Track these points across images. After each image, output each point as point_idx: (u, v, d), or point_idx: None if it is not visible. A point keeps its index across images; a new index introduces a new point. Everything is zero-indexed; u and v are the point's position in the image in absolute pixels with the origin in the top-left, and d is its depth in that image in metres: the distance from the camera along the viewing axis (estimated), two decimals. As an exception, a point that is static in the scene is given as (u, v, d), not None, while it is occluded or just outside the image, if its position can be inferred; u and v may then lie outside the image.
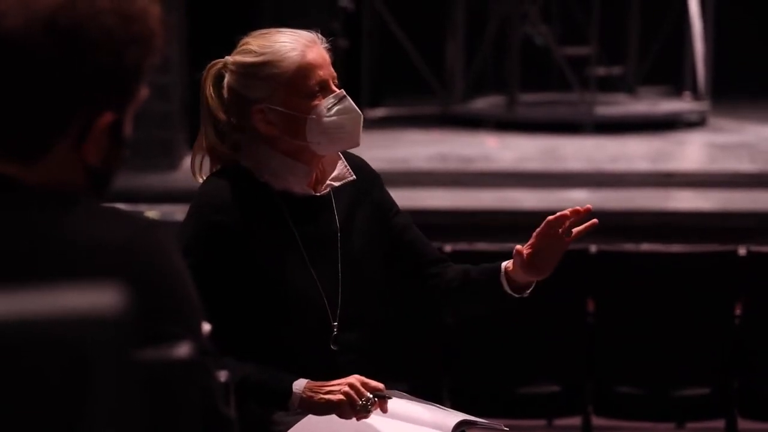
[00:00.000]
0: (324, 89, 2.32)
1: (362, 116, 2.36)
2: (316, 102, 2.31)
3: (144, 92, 1.45)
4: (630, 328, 3.67)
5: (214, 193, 2.34)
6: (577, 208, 2.32)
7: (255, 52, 2.33)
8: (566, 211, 2.32)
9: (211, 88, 2.37)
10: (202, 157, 2.40)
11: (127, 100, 1.43)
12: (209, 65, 2.39)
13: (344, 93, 2.33)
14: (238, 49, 2.36)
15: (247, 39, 2.36)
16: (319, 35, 2.37)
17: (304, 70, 2.31)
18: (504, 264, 2.36)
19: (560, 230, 2.31)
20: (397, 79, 8.79)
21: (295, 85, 2.31)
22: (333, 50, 2.40)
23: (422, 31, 8.65)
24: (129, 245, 1.36)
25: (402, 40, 8.42)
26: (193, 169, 2.42)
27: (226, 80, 2.35)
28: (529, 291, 2.38)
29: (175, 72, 6.49)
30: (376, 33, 8.64)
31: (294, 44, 2.32)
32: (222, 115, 2.36)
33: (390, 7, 8.44)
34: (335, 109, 2.32)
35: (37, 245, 1.35)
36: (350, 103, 2.33)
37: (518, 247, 2.32)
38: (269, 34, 2.35)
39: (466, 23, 8.61)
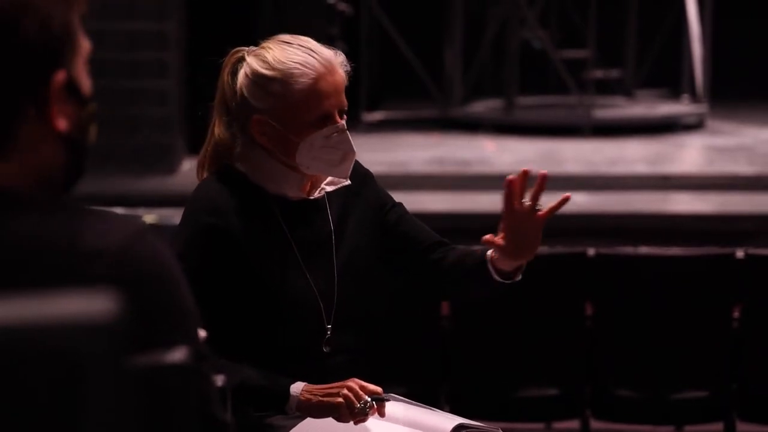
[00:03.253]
0: (327, 119, 2.30)
1: (355, 153, 2.33)
2: (315, 130, 2.30)
3: (86, 45, 1.44)
4: (628, 331, 3.67)
5: (208, 196, 2.34)
6: (524, 169, 2.31)
7: (269, 64, 2.30)
8: (512, 176, 2.30)
9: (228, 76, 2.36)
10: (210, 152, 2.39)
11: (71, 55, 1.41)
12: (231, 52, 2.37)
13: (345, 126, 2.31)
14: (258, 51, 2.34)
15: (268, 44, 2.34)
16: (340, 55, 2.35)
17: (311, 99, 2.29)
18: (488, 253, 2.35)
19: (520, 201, 2.28)
20: (396, 83, 8.79)
21: (298, 110, 2.29)
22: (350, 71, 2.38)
23: (420, 35, 8.65)
24: (123, 250, 1.35)
25: (400, 44, 8.43)
26: (201, 164, 2.41)
27: (239, 77, 2.35)
28: (518, 276, 2.37)
29: (173, 77, 6.49)
30: (374, 37, 8.64)
31: (309, 68, 2.29)
32: (232, 107, 2.36)
33: (388, 12, 8.44)
34: (332, 139, 2.30)
35: (29, 252, 1.34)
36: (347, 138, 2.31)
37: (486, 237, 2.30)
38: (289, 47, 2.32)
39: (464, 27, 8.62)
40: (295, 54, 2.31)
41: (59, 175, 1.41)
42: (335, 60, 2.32)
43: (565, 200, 2.30)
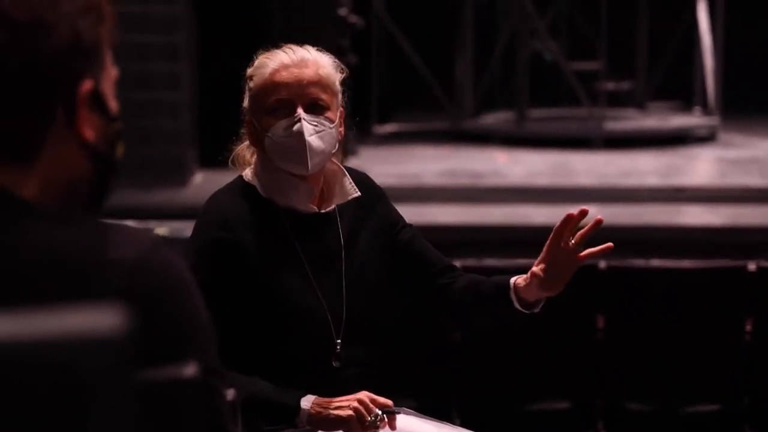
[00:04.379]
0: (287, 109, 2.31)
1: (308, 143, 2.33)
2: (275, 120, 2.32)
3: (114, 71, 1.45)
4: (640, 344, 3.66)
5: (219, 209, 2.34)
6: (583, 208, 2.32)
7: (252, 64, 2.36)
8: (571, 213, 2.32)
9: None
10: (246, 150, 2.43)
11: (99, 70, 1.42)
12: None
13: (300, 117, 2.31)
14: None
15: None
16: (327, 58, 2.36)
17: (268, 88, 2.32)
18: (513, 280, 2.35)
19: (569, 239, 2.30)
20: (407, 95, 8.79)
21: (258, 100, 2.33)
22: (347, 74, 2.39)
23: (431, 48, 8.65)
24: (137, 262, 1.35)
25: (411, 56, 8.43)
26: (233, 159, 2.45)
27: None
28: (539, 308, 2.37)
29: (185, 89, 6.50)
30: (385, 49, 8.65)
31: (275, 61, 2.33)
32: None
33: (399, 23, 8.45)
34: (292, 131, 2.31)
35: (42, 263, 1.34)
36: (299, 127, 2.31)
37: (534, 269, 2.31)
38: (277, 49, 2.37)
39: (475, 39, 8.62)
40: (274, 53, 2.35)
41: (83, 190, 1.42)
42: (311, 57, 2.34)
43: (608, 248, 2.33)
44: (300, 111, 2.31)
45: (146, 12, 6.37)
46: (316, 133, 2.31)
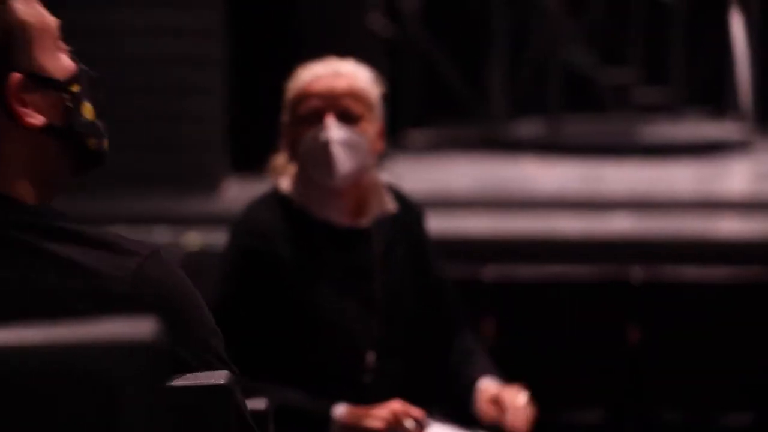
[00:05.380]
0: (318, 119, 2.31)
1: (334, 152, 2.32)
2: (306, 130, 2.32)
3: (49, 22, 1.43)
4: (674, 354, 3.63)
5: (254, 219, 2.34)
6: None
7: (292, 77, 2.37)
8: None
9: None
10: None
11: (26, 48, 1.40)
12: None
13: (329, 125, 2.31)
14: None
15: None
16: (363, 71, 2.36)
17: (300, 97, 2.34)
18: (480, 384, 2.37)
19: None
20: (438, 104, 8.78)
21: (293, 110, 2.34)
22: (383, 87, 2.39)
23: (462, 56, 8.64)
24: (139, 271, 1.35)
25: (442, 64, 8.42)
26: (270, 169, 2.46)
27: None
28: None
29: (217, 97, 6.51)
30: (416, 58, 8.64)
31: (311, 72, 2.34)
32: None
33: (430, 31, 8.44)
34: (314, 139, 2.31)
35: (44, 278, 1.33)
36: (325, 136, 2.30)
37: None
38: (315, 63, 2.38)
39: (506, 46, 8.60)
40: (311, 65, 2.36)
41: (59, 168, 1.41)
42: (346, 69, 2.34)
43: None
44: (328, 120, 2.31)
45: (178, 22, 6.39)
46: (344, 142, 2.30)
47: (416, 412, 2.25)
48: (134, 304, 1.30)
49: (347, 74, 2.34)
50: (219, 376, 1.31)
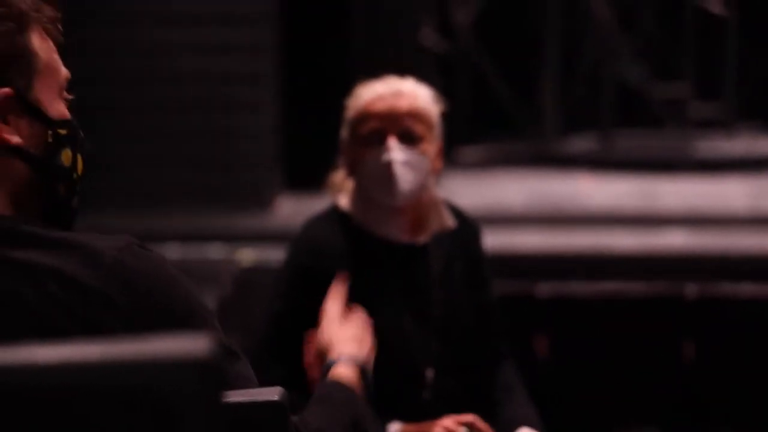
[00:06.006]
0: (380, 139, 2.32)
1: (397, 174, 2.33)
2: (368, 150, 2.32)
3: (61, 71, 1.45)
4: (729, 371, 3.59)
5: (312, 238, 2.35)
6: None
7: (352, 95, 2.38)
8: None
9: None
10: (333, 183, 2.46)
11: (25, 75, 1.42)
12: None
13: (391, 146, 2.32)
14: None
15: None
16: (423, 89, 2.37)
17: (361, 118, 2.34)
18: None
19: None
20: (490, 119, 8.76)
21: (354, 129, 2.34)
22: (444, 105, 2.40)
23: (515, 70, 8.62)
24: (114, 264, 1.36)
25: (494, 79, 8.41)
26: (329, 186, 2.47)
27: None
28: None
29: (270, 114, 6.55)
30: (468, 72, 8.64)
31: (371, 92, 2.35)
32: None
33: (482, 46, 8.44)
34: (377, 160, 2.31)
35: (18, 285, 1.34)
36: (389, 157, 2.31)
37: None
38: (377, 82, 2.39)
39: (559, 61, 8.57)
40: (372, 85, 2.36)
41: (29, 198, 1.42)
42: (407, 89, 2.35)
43: None
44: (391, 141, 2.32)
45: (231, 38, 6.44)
46: (406, 163, 2.31)
47: (468, 417, 2.25)
48: (113, 297, 1.31)
49: (408, 94, 2.34)
50: (273, 393, 1.31)
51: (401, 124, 2.32)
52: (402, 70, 2.47)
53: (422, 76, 2.54)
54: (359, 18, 7.20)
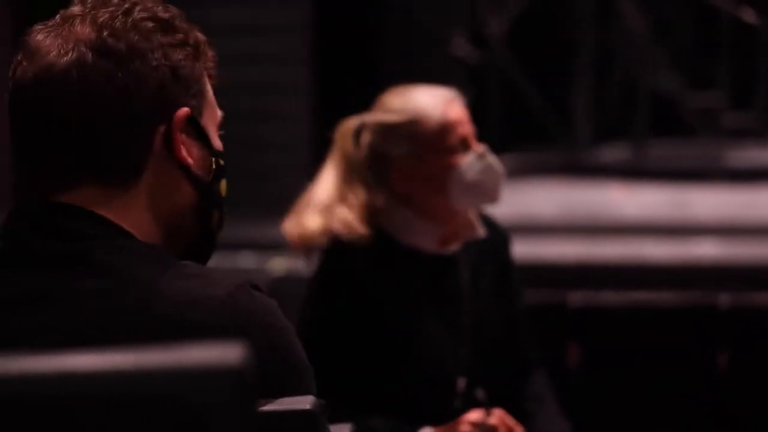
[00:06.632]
0: (465, 146, 2.33)
1: (504, 173, 2.36)
2: (457, 159, 2.32)
3: (218, 112, 1.49)
4: (763, 382, 3.57)
5: (343, 246, 2.35)
6: None
7: (396, 110, 2.35)
8: None
9: (350, 144, 2.40)
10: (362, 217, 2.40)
11: (200, 105, 1.46)
12: (343, 125, 2.41)
13: (486, 149, 2.33)
14: (377, 107, 2.39)
15: (386, 98, 2.39)
16: (455, 92, 2.39)
17: (446, 127, 2.33)
18: None
19: None
20: (521, 128, 8.75)
21: (437, 142, 2.33)
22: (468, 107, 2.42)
23: (547, 80, 8.61)
24: (230, 300, 1.36)
25: (527, 88, 8.40)
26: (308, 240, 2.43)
27: (362, 139, 2.38)
28: None
29: (302, 124, 6.57)
30: (499, 81, 8.63)
31: (435, 102, 2.35)
32: (364, 170, 2.39)
33: (514, 56, 8.43)
34: (477, 166, 2.32)
35: (138, 302, 1.35)
36: (492, 160, 2.33)
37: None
38: (408, 92, 2.38)
39: (591, 70, 8.55)
40: (417, 95, 2.36)
41: (188, 224, 1.43)
42: (453, 94, 2.37)
43: None
44: (479, 145, 2.35)
45: (262, 49, 6.47)
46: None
47: (494, 418, 2.26)
48: (220, 332, 1.31)
49: (456, 98, 2.41)
50: (305, 402, 1.31)
51: (471, 128, 2.39)
52: (435, 80, 2.48)
53: (454, 85, 2.55)
54: (391, 28, 7.21)
